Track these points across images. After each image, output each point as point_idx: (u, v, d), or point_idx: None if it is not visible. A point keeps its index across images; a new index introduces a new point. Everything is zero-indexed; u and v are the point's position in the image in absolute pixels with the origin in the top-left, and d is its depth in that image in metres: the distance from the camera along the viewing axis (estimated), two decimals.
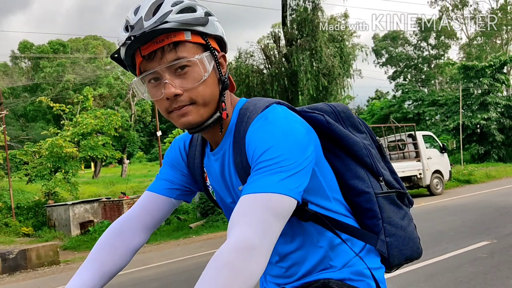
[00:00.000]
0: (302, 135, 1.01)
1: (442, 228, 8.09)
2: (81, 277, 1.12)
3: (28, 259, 9.05)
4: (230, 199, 1.19)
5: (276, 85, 15.31)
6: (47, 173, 19.14)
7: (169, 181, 1.26)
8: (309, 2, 15.26)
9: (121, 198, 17.01)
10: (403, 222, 1.24)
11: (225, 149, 1.13)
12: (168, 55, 1.00)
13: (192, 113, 1.03)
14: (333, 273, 1.16)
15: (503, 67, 30.08)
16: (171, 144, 1.32)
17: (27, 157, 21.42)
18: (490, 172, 18.93)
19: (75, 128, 19.93)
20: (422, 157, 14.11)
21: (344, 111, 1.26)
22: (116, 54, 1.06)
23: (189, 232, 12.21)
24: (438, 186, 14.39)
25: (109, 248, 1.19)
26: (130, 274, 7.15)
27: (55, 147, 18.50)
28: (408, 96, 39.39)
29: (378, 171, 1.23)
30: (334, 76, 15.33)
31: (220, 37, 1.09)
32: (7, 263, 8.83)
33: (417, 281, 4.97)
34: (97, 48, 44.37)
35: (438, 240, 6.98)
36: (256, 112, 1.07)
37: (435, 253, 6.05)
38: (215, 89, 1.06)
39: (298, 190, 0.95)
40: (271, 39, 16.72)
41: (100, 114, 21.20)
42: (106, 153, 21.19)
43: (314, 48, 14.79)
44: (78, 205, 17.27)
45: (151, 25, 0.97)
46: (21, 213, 18.78)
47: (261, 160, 0.96)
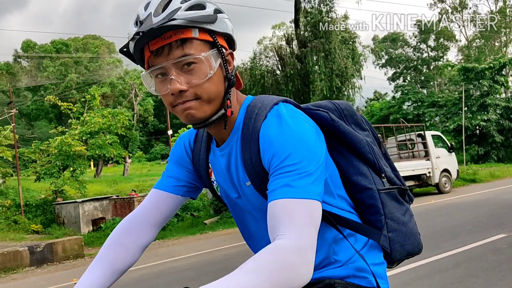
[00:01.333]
0: (315, 138, 1.04)
1: (458, 223, 8.42)
2: (93, 274, 1.16)
3: (54, 252, 9.32)
4: (235, 194, 1.20)
5: (291, 86, 15.70)
6: (56, 171, 19.26)
7: (175, 178, 1.28)
8: (324, 5, 15.68)
9: (132, 195, 17.22)
10: (405, 217, 1.26)
11: (232, 145, 1.14)
12: (175, 52, 1.01)
13: (195, 108, 1.05)
14: (337, 269, 1.17)
15: (503, 69, 30.44)
16: (176, 142, 1.34)
17: (35, 155, 21.52)
18: (494, 171, 19.36)
19: (83, 127, 20.06)
20: (431, 156, 14.46)
21: (348, 109, 1.29)
22: (125, 48, 1.07)
23: (204, 228, 12.47)
24: (446, 185, 14.76)
25: (119, 246, 1.22)
26: (161, 265, 7.44)
27: (64, 146, 18.60)
28: (408, 97, 39.69)
29: (380, 167, 1.26)
30: (347, 77, 15.75)
31: (229, 35, 1.11)
32: (35, 256, 9.10)
33: (445, 269, 5.29)
34: (100, 48, 44.46)
35: (456, 234, 7.31)
36: (265, 109, 1.09)
37: (456, 245, 6.39)
38: (220, 86, 1.07)
39: (322, 193, 1.01)
40: (284, 41, 17.08)
41: (107, 113, 21.33)
42: (113, 152, 21.28)
43: (328, 49, 15.19)
44: (87, 203, 17.41)
45: (159, 22, 0.99)
46: (29, 210, 18.88)
47: (285, 165, 0.99)
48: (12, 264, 8.74)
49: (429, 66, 51.69)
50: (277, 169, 1.00)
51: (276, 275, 0.86)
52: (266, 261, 0.88)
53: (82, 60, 43.41)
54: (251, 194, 1.13)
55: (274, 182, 0.99)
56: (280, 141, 1.01)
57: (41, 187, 22.59)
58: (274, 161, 1.01)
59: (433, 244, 6.62)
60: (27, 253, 9.02)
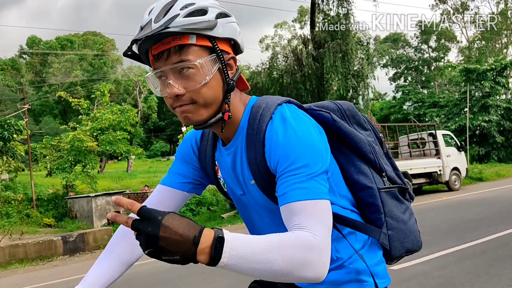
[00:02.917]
0: (318, 139, 1.06)
1: (474, 217, 8.86)
2: (100, 267, 1.21)
3: (86, 242, 9.72)
4: (240, 191, 1.22)
5: (309, 85, 16.16)
6: (68, 166, 19.52)
7: (182, 175, 1.31)
8: (342, 8, 16.18)
9: (144, 190, 17.55)
10: (404, 216, 1.28)
11: (238, 144, 1.16)
12: (173, 57, 1.03)
13: (191, 112, 1.07)
14: (340, 272, 1.20)
15: (504, 71, 30.85)
16: (183, 140, 1.36)
17: (46, 151, 21.75)
18: (499, 171, 19.92)
19: (94, 123, 20.31)
20: (442, 155, 14.97)
21: (350, 109, 1.31)
22: (129, 51, 1.09)
23: (222, 221, 12.83)
24: (456, 182, 15.27)
25: (126, 240, 1.25)
26: None
27: (76, 141, 18.86)
28: (409, 98, 40.02)
29: (381, 167, 1.28)
30: (363, 77, 16.28)
31: (233, 39, 1.12)
32: (68, 246, 9.49)
33: (473, 256, 5.71)
34: (105, 45, 44.67)
35: (476, 226, 7.74)
36: (269, 110, 1.11)
37: (478, 236, 6.81)
38: (218, 91, 1.08)
39: (328, 192, 1.04)
40: (300, 42, 17.54)
41: (116, 110, 21.59)
42: (122, 148, 21.53)
43: (345, 50, 15.69)
44: (100, 197, 17.66)
45: (157, 28, 1.01)
46: (41, 204, 19.14)
47: (292, 168, 1.01)
48: (47, 253, 9.14)
49: (430, 66, 52.17)
50: (284, 172, 1.02)
51: (294, 265, 0.90)
52: (291, 245, 0.91)
53: (87, 57, 43.62)
54: (255, 192, 1.16)
55: (283, 185, 1.01)
56: (286, 143, 1.03)
57: (47, 182, 22.77)
58: (281, 164, 1.03)
59: (456, 235, 7.07)
60: (61, 243, 9.43)
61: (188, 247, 0.85)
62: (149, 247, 0.84)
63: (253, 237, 0.91)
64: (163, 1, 1.06)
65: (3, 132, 11.93)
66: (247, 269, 0.88)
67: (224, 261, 0.86)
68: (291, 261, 0.89)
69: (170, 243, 0.84)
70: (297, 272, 0.90)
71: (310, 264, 0.90)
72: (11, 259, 8.74)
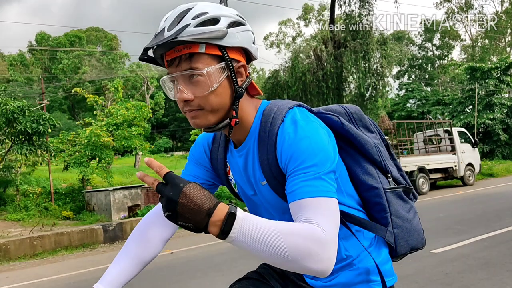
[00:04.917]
0: (327, 140, 1.10)
1: (496, 208, 9.36)
2: (119, 265, 1.24)
3: (124, 231, 10.19)
4: (251, 191, 1.26)
5: (330, 83, 16.65)
6: (85, 161, 19.89)
7: (195, 177, 1.35)
8: (364, 9, 16.69)
9: None
10: (409, 215, 1.31)
11: (249, 146, 1.20)
12: (183, 64, 1.07)
13: (199, 117, 1.11)
14: (351, 273, 1.24)
15: (509, 69, 31.23)
16: (195, 142, 1.40)
17: (63, 145, 22.06)
18: (509, 167, 20.49)
19: (109, 119, 20.65)
20: (457, 151, 15.56)
21: (357, 113, 1.35)
22: (145, 56, 1.13)
23: None
24: (470, 178, 15.87)
25: (144, 239, 1.29)
26: (209, 247, 8.21)
27: (93, 136, 19.23)
28: (413, 95, 40.27)
29: (386, 168, 1.31)
30: (383, 76, 16.85)
31: (244, 48, 1.14)
32: (108, 234, 9.97)
33: (505, 241, 6.20)
34: (113, 41, 44.96)
35: (500, 216, 8.23)
36: (281, 113, 1.14)
37: (505, 224, 7.30)
38: (226, 98, 1.11)
39: (335, 190, 1.07)
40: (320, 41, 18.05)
41: (130, 106, 21.92)
42: (137, 143, 21.85)
43: (366, 50, 16.22)
44: (118, 191, 18.01)
45: (169, 37, 1.04)
46: (58, 198, 19.53)
47: (302, 167, 1.05)
48: (89, 241, 9.62)
49: (434, 64, 52.50)
50: (294, 171, 1.06)
51: (299, 253, 0.93)
52: (298, 234, 0.94)
53: (95, 53, 43.92)
54: (266, 192, 1.20)
55: (293, 183, 1.05)
56: (296, 144, 1.07)
57: (60, 177, 23.10)
58: (292, 164, 1.07)
59: (484, 224, 7.56)
60: (101, 231, 9.92)
61: (201, 217, 0.91)
62: (168, 210, 0.91)
63: (265, 221, 0.95)
64: (178, 9, 1.10)
65: (38, 127, 12.30)
66: (254, 249, 0.93)
67: (233, 236, 0.91)
68: (297, 249, 0.92)
69: (186, 210, 0.90)
70: (302, 261, 0.93)
71: (315, 256, 0.93)
72: (56, 246, 9.22)
